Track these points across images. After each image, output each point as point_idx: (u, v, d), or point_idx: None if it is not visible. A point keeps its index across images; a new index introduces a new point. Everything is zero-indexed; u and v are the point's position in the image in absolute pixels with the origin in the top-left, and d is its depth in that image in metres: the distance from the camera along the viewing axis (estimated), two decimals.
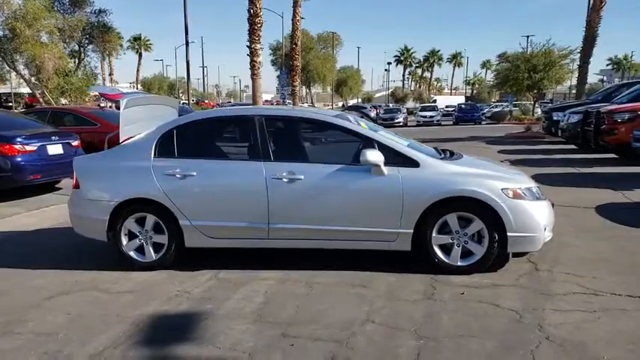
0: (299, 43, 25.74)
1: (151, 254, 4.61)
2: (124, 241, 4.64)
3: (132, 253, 4.65)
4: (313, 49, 49.24)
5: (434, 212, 4.15)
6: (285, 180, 4.30)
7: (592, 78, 38.61)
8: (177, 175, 4.47)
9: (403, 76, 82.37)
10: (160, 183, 4.48)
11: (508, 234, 4.07)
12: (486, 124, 33.86)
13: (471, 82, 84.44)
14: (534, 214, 4.11)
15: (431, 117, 34.43)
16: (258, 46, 17.08)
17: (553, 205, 4.48)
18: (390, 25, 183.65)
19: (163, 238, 4.58)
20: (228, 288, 4.12)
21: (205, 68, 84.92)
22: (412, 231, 4.20)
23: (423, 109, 36.96)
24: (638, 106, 10.67)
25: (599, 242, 4.92)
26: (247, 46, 17.55)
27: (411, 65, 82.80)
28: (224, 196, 4.44)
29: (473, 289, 3.89)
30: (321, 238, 4.37)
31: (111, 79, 61.98)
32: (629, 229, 5.39)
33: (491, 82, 55.01)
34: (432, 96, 73.77)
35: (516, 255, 4.42)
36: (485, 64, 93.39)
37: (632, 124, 10.36)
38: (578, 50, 32.41)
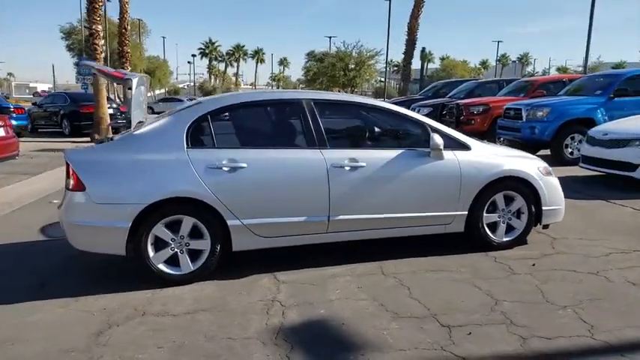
0: (128, 27, 23.20)
1: (188, 265, 3.84)
2: (151, 252, 3.77)
3: (162, 266, 3.81)
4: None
5: (486, 193, 4.37)
6: (347, 168, 4.03)
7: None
8: (225, 168, 3.81)
9: (209, 69, 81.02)
10: (204, 178, 3.76)
11: (543, 208, 4.53)
12: None
13: (277, 78, 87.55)
14: (559, 189, 4.66)
15: None
16: (100, 27, 14.93)
17: None
18: (195, 18, 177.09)
19: (203, 244, 3.86)
20: (308, 290, 3.71)
21: None
22: (467, 212, 4.36)
23: None
24: (489, 100, 12.63)
25: (571, 211, 5.74)
26: (86, 27, 15.24)
27: (216, 59, 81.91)
28: (282, 189, 3.94)
29: (534, 259, 4.24)
30: (382, 227, 4.22)
31: None
32: (580, 201, 6.36)
33: (302, 79, 58.02)
34: (239, 91, 74.52)
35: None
36: (282, 62, 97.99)
37: (485, 115, 12.25)
38: (383, 52, 36.28)
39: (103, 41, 15.37)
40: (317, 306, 3.42)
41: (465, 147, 4.38)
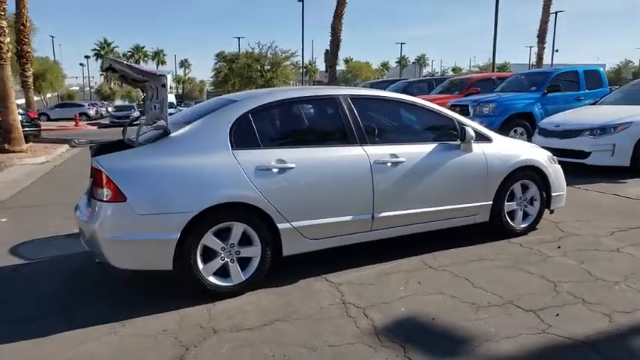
0: (27, 23, 20.97)
1: (239, 274, 3.59)
2: (200, 264, 3.47)
3: (212, 279, 3.52)
4: None
5: (507, 182, 4.57)
6: (389, 164, 4.01)
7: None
8: (274, 169, 3.62)
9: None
10: (254, 181, 3.54)
11: (552, 194, 4.83)
12: None
13: (181, 80, 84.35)
14: (562, 176, 4.99)
15: (170, 114, 33.29)
16: (5, 22, 13.31)
17: None
18: (86, 17, 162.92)
19: (253, 251, 3.63)
20: (370, 289, 3.62)
21: None
22: (492, 202, 4.53)
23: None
24: (428, 98, 13.17)
25: None
26: None
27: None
28: (329, 188, 3.82)
29: (555, 242, 4.51)
30: (421, 222, 4.25)
31: None
32: None
33: (208, 80, 56.72)
34: (142, 94, 70.87)
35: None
36: (183, 63, 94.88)
37: None
38: (298, 53, 36.42)
39: (8, 39, 13.74)
40: (393, 304, 3.35)
41: (487, 139, 4.54)
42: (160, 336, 3.05)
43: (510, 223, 4.68)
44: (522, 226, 4.76)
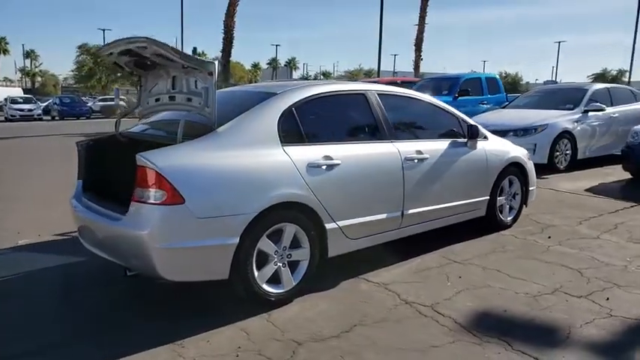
0: None
1: (290, 280, 3.31)
2: (255, 271, 3.13)
3: (266, 286, 3.19)
4: None
5: (500, 177, 4.84)
6: (416, 160, 4.01)
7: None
8: (324, 167, 3.40)
9: None
10: (306, 178, 3.29)
11: (530, 188, 5.24)
12: (97, 118, 31.96)
13: (30, 73, 74.79)
14: (534, 171, 5.43)
15: (30, 110, 29.62)
16: None
17: None
18: None
19: (302, 254, 3.37)
20: (421, 287, 3.57)
21: None
22: (489, 197, 4.76)
23: (15, 101, 31.01)
24: None
25: None
26: None
27: None
28: (369, 186, 3.69)
29: (542, 234, 4.89)
30: (438, 218, 4.31)
31: None
32: None
33: (70, 74, 51.70)
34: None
35: None
36: (29, 54, 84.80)
37: None
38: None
39: None
40: (456, 300, 3.35)
41: (484, 137, 4.76)
42: (240, 353, 2.67)
43: (501, 216, 4.97)
44: (509, 219, 5.08)
